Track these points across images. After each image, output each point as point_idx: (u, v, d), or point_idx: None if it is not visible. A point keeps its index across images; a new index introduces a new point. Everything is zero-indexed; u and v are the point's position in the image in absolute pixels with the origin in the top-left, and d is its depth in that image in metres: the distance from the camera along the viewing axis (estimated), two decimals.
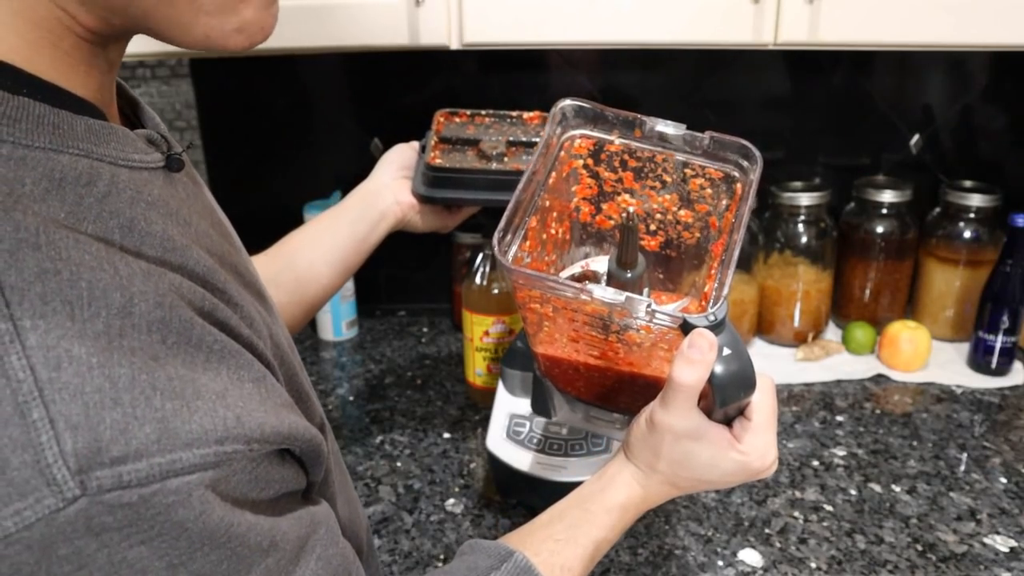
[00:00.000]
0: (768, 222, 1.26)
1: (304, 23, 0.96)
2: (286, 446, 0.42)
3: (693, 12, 0.95)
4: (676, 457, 0.55)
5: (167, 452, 0.34)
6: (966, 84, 1.29)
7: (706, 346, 0.51)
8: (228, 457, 0.37)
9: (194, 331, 0.38)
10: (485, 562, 0.52)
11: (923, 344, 1.17)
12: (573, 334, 0.61)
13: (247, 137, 1.34)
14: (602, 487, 0.58)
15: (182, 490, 0.35)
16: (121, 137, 0.42)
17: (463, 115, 0.91)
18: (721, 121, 1.31)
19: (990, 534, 0.85)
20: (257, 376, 0.41)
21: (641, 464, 0.58)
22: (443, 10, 0.95)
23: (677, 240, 0.68)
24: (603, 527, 0.56)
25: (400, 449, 1.03)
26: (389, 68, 1.30)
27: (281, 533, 0.41)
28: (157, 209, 0.41)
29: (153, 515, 0.34)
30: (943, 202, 1.24)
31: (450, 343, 1.32)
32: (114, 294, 0.35)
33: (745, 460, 0.54)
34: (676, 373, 0.51)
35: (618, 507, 0.57)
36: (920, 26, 0.94)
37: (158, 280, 0.38)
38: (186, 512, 0.35)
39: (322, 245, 0.81)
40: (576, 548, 0.55)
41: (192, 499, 0.35)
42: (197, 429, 0.36)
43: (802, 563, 0.81)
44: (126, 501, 0.33)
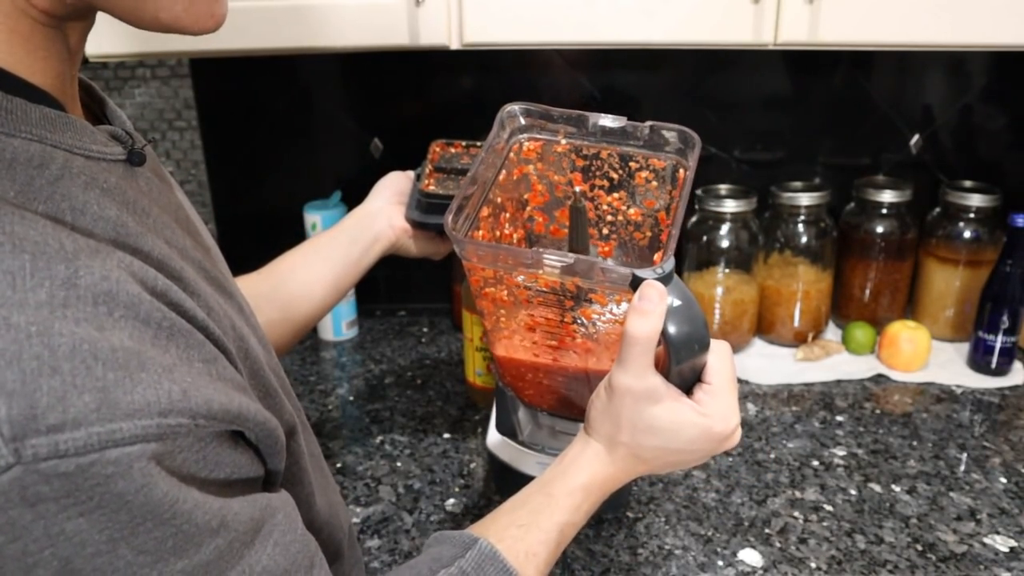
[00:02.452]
0: (768, 222, 1.26)
1: (304, 23, 0.96)
2: (236, 426, 0.41)
3: (693, 12, 0.95)
4: (637, 424, 0.54)
5: (107, 422, 0.33)
6: (966, 84, 1.29)
7: (656, 296, 0.51)
8: (172, 430, 0.36)
9: (142, 306, 0.37)
10: (450, 552, 0.52)
11: (923, 344, 1.17)
12: (529, 320, 0.62)
13: (247, 137, 1.34)
14: (563, 470, 0.57)
15: (122, 461, 0.34)
16: (79, 127, 0.42)
17: (458, 145, 0.93)
18: (721, 121, 1.31)
19: (990, 534, 0.85)
20: (208, 357, 0.41)
21: (602, 439, 0.56)
22: (443, 10, 0.95)
23: (630, 242, 0.68)
24: (566, 510, 0.55)
25: (400, 449, 1.03)
26: (389, 68, 1.30)
27: (232, 514, 0.40)
28: (113, 197, 0.41)
29: (91, 486, 0.33)
30: (943, 202, 1.24)
31: (450, 343, 1.32)
32: (58, 266, 0.35)
33: (707, 423, 0.54)
34: (629, 326, 0.51)
35: (581, 489, 0.56)
36: (920, 26, 0.94)
37: (106, 257, 0.37)
38: (126, 484, 0.34)
39: (316, 265, 0.83)
40: (539, 533, 0.54)
41: (133, 471, 0.34)
42: (140, 400, 0.35)
43: (802, 563, 0.81)
44: (63, 471, 0.32)
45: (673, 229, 0.57)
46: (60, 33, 0.42)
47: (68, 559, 0.34)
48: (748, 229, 1.23)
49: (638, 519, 0.88)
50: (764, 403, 1.12)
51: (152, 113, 1.34)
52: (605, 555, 0.83)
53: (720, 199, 1.22)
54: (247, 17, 0.94)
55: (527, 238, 0.70)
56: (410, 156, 1.38)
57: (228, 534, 0.39)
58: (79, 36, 0.44)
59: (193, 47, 0.98)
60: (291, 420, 0.51)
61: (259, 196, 1.37)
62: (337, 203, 1.32)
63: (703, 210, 1.24)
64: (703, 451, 0.56)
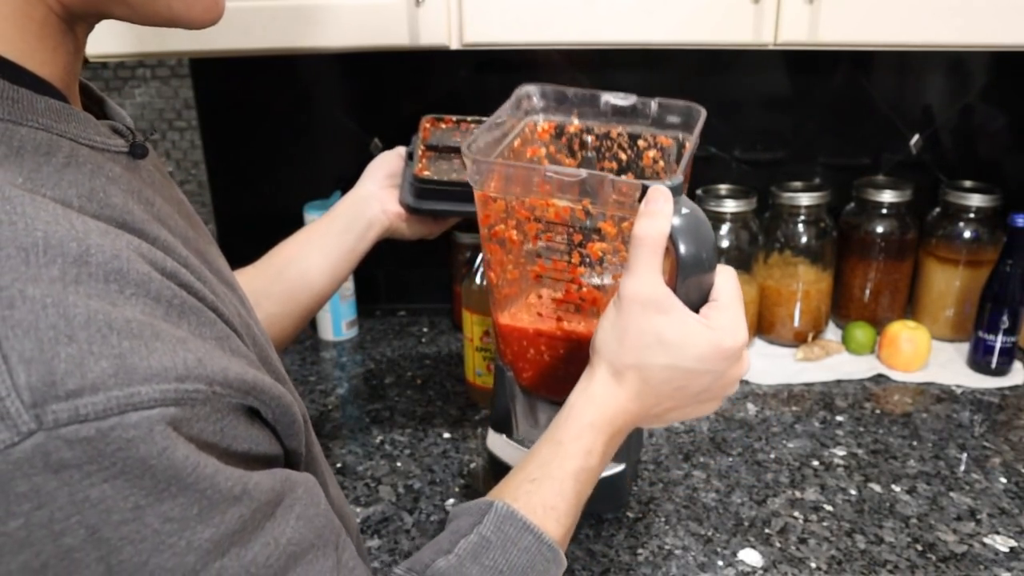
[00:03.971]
0: (768, 222, 1.26)
1: (305, 23, 0.96)
2: (253, 399, 0.41)
3: (693, 12, 0.95)
4: (645, 336, 0.52)
5: (125, 386, 0.34)
6: (966, 84, 1.29)
7: (662, 199, 0.51)
8: (189, 396, 0.36)
9: (152, 284, 0.38)
10: (467, 521, 0.51)
11: (923, 344, 1.17)
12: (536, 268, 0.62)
13: (247, 137, 1.34)
14: (567, 413, 0.55)
15: (142, 424, 0.34)
16: (82, 119, 0.43)
17: (448, 121, 0.90)
18: (721, 121, 1.31)
19: (990, 534, 0.85)
20: (220, 334, 0.41)
21: (607, 366, 0.54)
22: (443, 10, 0.95)
23: None
24: (577, 455, 0.53)
25: (400, 449, 1.03)
26: (389, 68, 1.30)
27: (253, 483, 0.40)
28: (118, 185, 0.42)
29: (113, 451, 0.33)
30: (943, 202, 1.24)
31: (450, 343, 1.32)
32: (70, 244, 0.35)
33: (716, 336, 0.52)
34: (636, 228, 0.52)
35: (589, 428, 0.53)
36: (920, 26, 0.94)
37: (115, 238, 0.38)
38: (148, 448, 0.34)
39: (312, 255, 0.82)
40: (553, 483, 0.52)
41: (154, 434, 0.34)
42: (156, 366, 0.35)
43: (802, 563, 0.81)
44: (84, 435, 0.33)
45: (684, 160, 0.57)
46: (70, 28, 0.43)
47: (95, 527, 0.34)
48: (748, 229, 1.23)
49: (638, 519, 0.88)
50: (764, 403, 1.12)
51: (152, 113, 1.34)
52: (605, 555, 0.83)
53: (720, 199, 1.22)
54: (247, 17, 0.94)
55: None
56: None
57: (251, 503, 0.39)
58: (85, 33, 0.45)
59: (193, 47, 0.98)
60: (302, 409, 0.51)
61: (259, 196, 1.37)
62: None
63: (703, 210, 1.24)
64: (713, 373, 0.53)
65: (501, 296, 0.66)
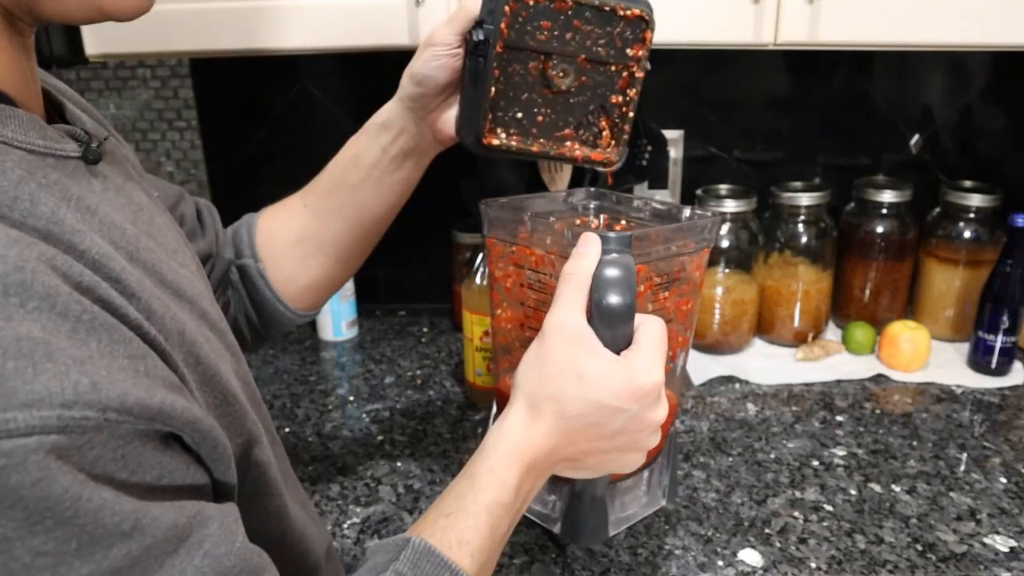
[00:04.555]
0: (768, 222, 1.26)
1: (304, 23, 0.96)
2: (160, 425, 0.38)
3: (694, 12, 0.95)
4: (563, 369, 0.53)
5: (1, 411, 0.32)
6: (966, 84, 1.29)
7: (590, 241, 0.55)
8: (76, 423, 0.34)
9: (59, 298, 0.36)
10: (384, 557, 0.50)
11: (923, 344, 1.17)
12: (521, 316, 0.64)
13: (247, 137, 1.34)
14: (481, 447, 0.54)
15: (16, 453, 0.32)
16: (25, 122, 0.42)
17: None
18: (721, 121, 1.31)
19: (990, 534, 0.85)
20: (135, 353, 0.39)
21: (525, 398, 0.54)
22: (443, 10, 0.95)
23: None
24: (491, 488, 0.52)
25: (400, 449, 1.03)
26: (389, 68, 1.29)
27: (150, 518, 0.37)
28: (52, 192, 0.40)
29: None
30: (943, 202, 1.24)
31: (450, 343, 1.32)
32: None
33: (631, 374, 0.52)
34: (565, 267, 0.55)
35: (502, 461, 0.53)
36: (920, 26, 0.94)
37: (25, 248, 0.36)
38: (20, 478, 0.32)
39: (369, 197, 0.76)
40: (468, 518, 0.51)
41: (27, 464, 0.32)
42: (40, 390, 0.33)
43: (802, 563, 0.81)
44: None
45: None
46: (9, 26, 0.42)
47: None
48: (748, 229, 1.23)
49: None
50: (764, 403, 1.12)
51: (152, 113, 1.34)
52: (605, 555, 0.83)
53: (720, 199, 1.22)
54: (247, 17, 0.94)
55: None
56: None
57: (144, 539, 0.37)
58: (29, 34, 0.44)
59: (193, 47, 0.98)
60: (254, 430, 0.49)
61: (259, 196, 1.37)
62: None
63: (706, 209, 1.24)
64: (627, 413, 0.53)
65: (498, 344, 0.68)
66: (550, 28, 0.64)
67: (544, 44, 0.65)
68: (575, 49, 0.66)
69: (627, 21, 0.66)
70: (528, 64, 0.66)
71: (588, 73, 0.67)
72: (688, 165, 1.34)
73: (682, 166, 1.33)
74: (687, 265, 0.62)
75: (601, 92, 0.68)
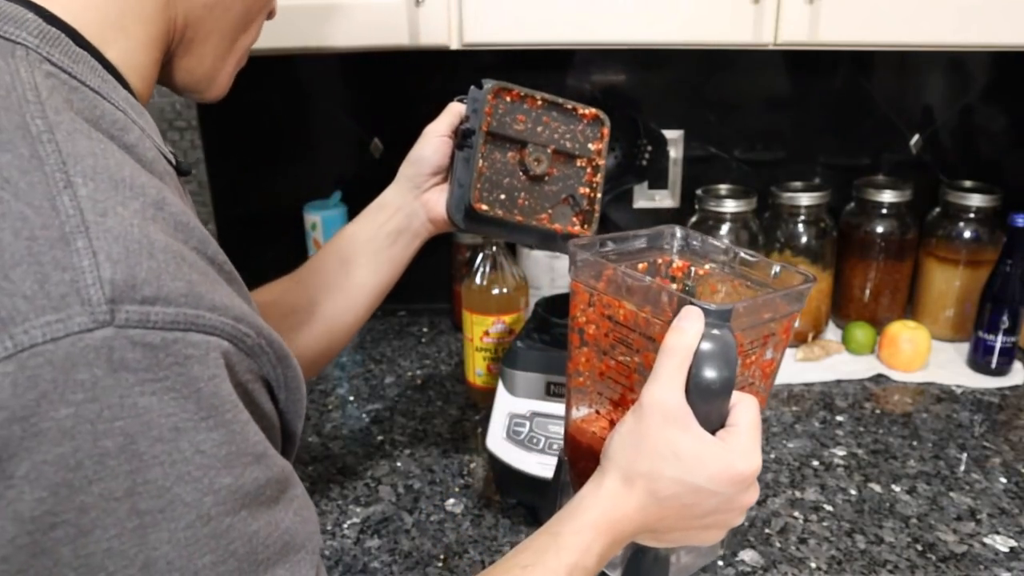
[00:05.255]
0: (768, 222, 1.26)
1: (304, 23, 0.96)
2: (281, 368, 0.43)
3: (693, 12, 0.95)
4: (660, 447, 0.52)
5: (193, 307, 0.36)
6: (966, 84, 1.29)
7: (693, 316, 0.53)
8: (242, 337, 0.39)
9: (210, 246, 0.41)
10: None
11: (923, 344, 1.17)
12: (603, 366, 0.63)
13: (247, 137, 1.34)
14: (571, 510, 0.55)
15: (201, 346, 0.36)
16: (150, 121, 0.47)
17: (515, 94, 0.76)
18: (721, 121, 1.31)
19: (990, 534, 0.85)
20: (256, 309, 0.44)
21: (619, 472, 0.54)
22: (443, 10, 0.95)
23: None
24: (574, 550, 0.52)
25: (400, 449, 1.03)
26: (389, 68, 1.30)
27: (272, 452, 0.41)
28: (171, 179, 0.45)
29: (171, 363, 0.35)
30: (943, 202, 1.24)
31: (450, 343, 1.32)
32: (151, 189, 0.39)
33: (731, 459, 0.52)
34: (666, 340, 0.53)
35: (590, 526, 0.53)
36: (920, 26, 0.94)
37: (178, 200, 0.41)
38: (201, 370, 0.36)
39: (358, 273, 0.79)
40: (546, 572, 0.51)
41: (208, 358, 0.36)
42: (220, 301, 0.38)
43: (802, 563, 0.81)
44: (149, 341, 0.35)
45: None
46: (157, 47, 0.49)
47: (133, 437, 0.35)
48: (748, 229, 1.23)
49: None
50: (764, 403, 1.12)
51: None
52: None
53: (720, 199, 1.22)
54: None
55: None
56: None
57: (267, 470, 0.40)
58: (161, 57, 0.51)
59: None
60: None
61: (259, 196, 1.37)
62: (337, 203, 1.32)
63: (703, 210, 1.24)
64: (722, 496, 0.53)
65: (573, 386, 0.67)
66: (524, 121, 0.77)
67: (520, 134, 0.77)
68: (546, 140, 0.78)
69: (585, 120, 0.78)
70: (507, 153, 0.77)
71: (558, 165, 0.79)
72: (688, 165, 1.34)
73: (682, 166, 1.33)
74: (776, 329, 0.61)
75: (571, 184, 0.79)
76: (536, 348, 0.89)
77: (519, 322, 1.09)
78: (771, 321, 0.59)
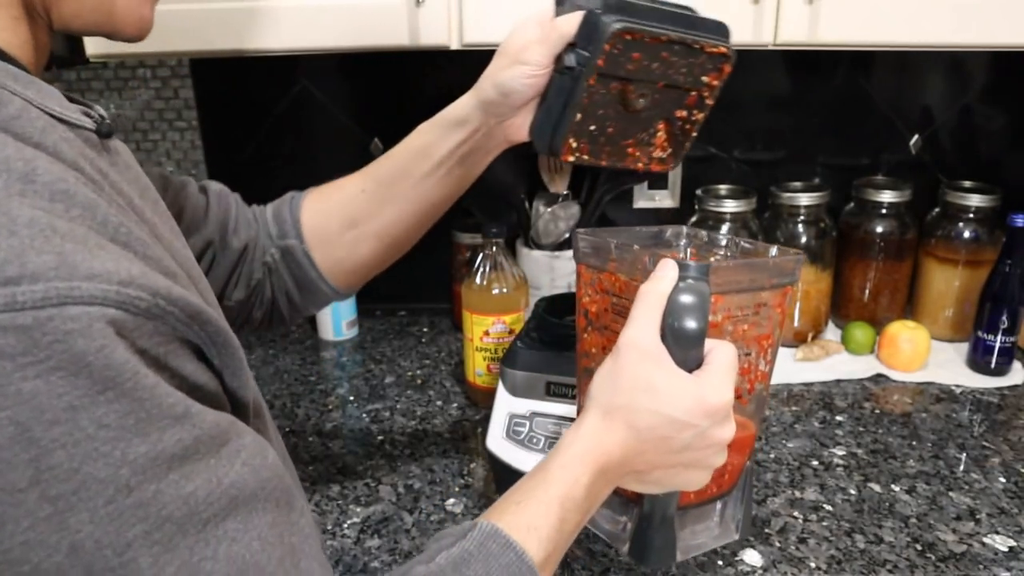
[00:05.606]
0: (768, 222, 1.26)
1: (304, 23, 0.96)
2: (196, 328, 0.40)
3: None
4: (637, 381, 0.55)
5: (65, 280, 0.33)
6: (966, 84, 1.29)
7: (668, 267, 0.57)
8: (132, 302, 0.36)
9: (99, 210, 0.38)
10: (451, 539, 0.51)
11: (922, 344, 1.17)
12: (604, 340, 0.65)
13: (247, 137, 1.34)
14: (559, 447, 0.56)
15: (81, 319, 0.33)
16: (45, 90, 0.43)
17: (639, 35, 0.64)
18: (721, 121, 1.31)
19: (989, 534, 0.85)
20: (167, 270, 0.40)
21: (599, 408, 0.56)
22: (443, 10, 0.95)
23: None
24: (562, 483, 0.54)
25: (400, 449, 1.03)
26: (389, 68, 1.30)
27: (197, 410, 0.38)
28: (71, 146, 0.41)
29: (50, 342, 0.33)
30: (943, 202, 1.24)
31: (450, 343, 1.32)
32: (16, 163, 0.36)
33: (701, 392, 0.54)
34: (641, 287, 0.57)
35: (576, 460, 0.55)
36: (920, 26, 0.94)
37: (64, 168, 0.38)
38: (86, 343, 0.33)
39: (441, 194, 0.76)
40: (539, 506, 0.53)
41: (92, 330, 0.34)
42: (99, 268, 0.35)
43: (802, 563, 0.82)
44: (20, 323, 0.32)
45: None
46: (34, 23, 0.46)
47: (26, 425, 0.33)
48: (748, 229, 1.23)
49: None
50: None
51: (152, 113, 1.34)
52: (605, 555, 0.83)
53: (720, 199, 1.22)
54: (247, 17, 0.94)
55: None
56: None
57: (193, 429, 0.38)
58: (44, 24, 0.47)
59: (193, 47, 0.98)
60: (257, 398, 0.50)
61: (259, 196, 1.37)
62: None
63: (703, 210, 1.24)
64: (696, 428, 0.55)
65: (582, 366, 0.70)
66: (639, 59, 0.66)
67: (631, 72, 0.66)
68: (657, 76, 0.68)
69: (710, 55, 0.69)
70: (610, 86, 0.67)
71: (662, 93, 0.70)
72: (688, 165, 1.34)
73: (682, 166, 1.33)
74: (768, 301, 0.64)
75: (669, 107, 0.71)
76: (536, 348, 0.89)
77: (519, 322, 1.09)
78: (759, 290, 0.62)
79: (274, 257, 0.78)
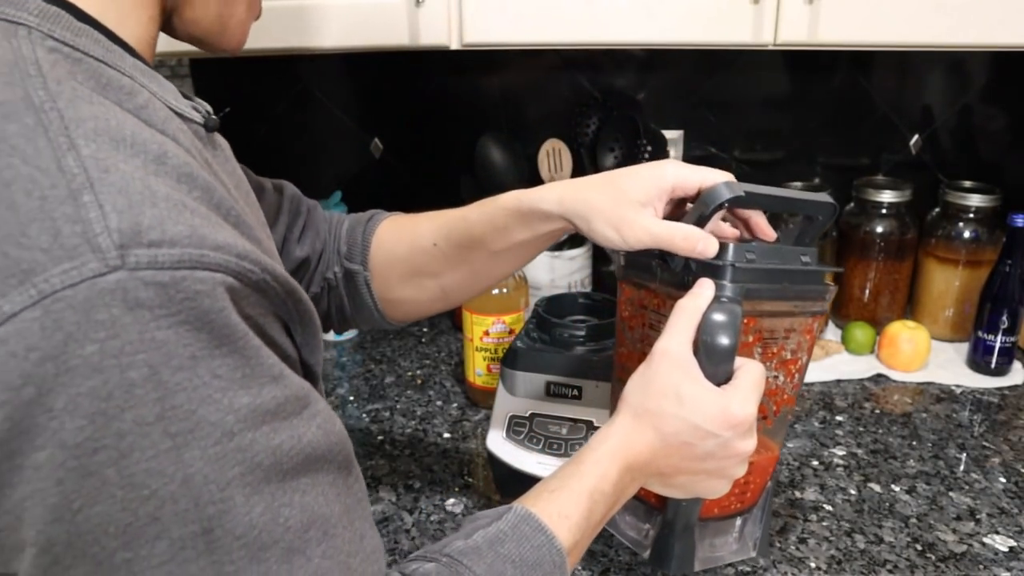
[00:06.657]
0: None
1: (305, 23, 0.96)
2: (292, 301, 0.46)
3: (693, 12, 0.95)
4: (666, 388, 0.58)
5: (197, 247, 0.39)
6: (966, 84, 1.29)
7: (706, 285, 0.60)
8: (246, 272, 0.41)
9: (215, 193, 0.43)
10: (486, 519, 0.55)
11: (923, 344, 1.17)
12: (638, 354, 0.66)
13: (247, 137, 1.34)
14: (592, 443, 0.60)
15: (208, 282, 0.39)
16: (164, 84, 0.49)
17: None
18: (721, 121, 1.31)
19: (989, 534, 0.85)
20: (267, 252, 0.45)
21: (630, 410, 0.60)
22: (443, 10, 0.95)
23: None
24: (594, 476, 0.57)
25: (400, 449, 1.03)
26: (389, 68, 1.30)
27: (288, 372, 0.44)
28: (185, 136, 0.47)
29: (182, 299, 0.38)
30: (943, 202, 1.24)
31: (450, 343, 1.32)
32: (152, 145, 0.42)
33: (725, 403, 0.57)
34: (679, 302, 0.60)
35: (607, 456, 0.58)
36: (920, 26, 0.94)
37: (185, 153, 0.44)
38: (210, 303, 0.39)
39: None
40: (571, 495, 0.56)
41: (216, 293, 0.39)
42: (223, 240, 0.40)
43: (802, 563, 0.82)
44: (159, 280, 0.37)
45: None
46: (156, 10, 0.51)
47: (156, 368, 0.38)
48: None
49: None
50: None
51: None
52: (605, 555, 0.83)
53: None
54: None
55: None
56: (410, 156, 1.38)
57: (285, 389, 0.43)
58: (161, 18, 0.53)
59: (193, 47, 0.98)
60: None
61: None
62: (337, 203, 1.32)
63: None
64: (719, 439, 0.58)
65: (618, 377, 0.71)
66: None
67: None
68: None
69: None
70: None
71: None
72: None
73: None
74: (797, 327, 0.66)
75: None
76: (536, 348, 0.89)
77: (519, 322, 1.09)
78: (789, 315, 0.65)
79: (336, 276, 0.79)
